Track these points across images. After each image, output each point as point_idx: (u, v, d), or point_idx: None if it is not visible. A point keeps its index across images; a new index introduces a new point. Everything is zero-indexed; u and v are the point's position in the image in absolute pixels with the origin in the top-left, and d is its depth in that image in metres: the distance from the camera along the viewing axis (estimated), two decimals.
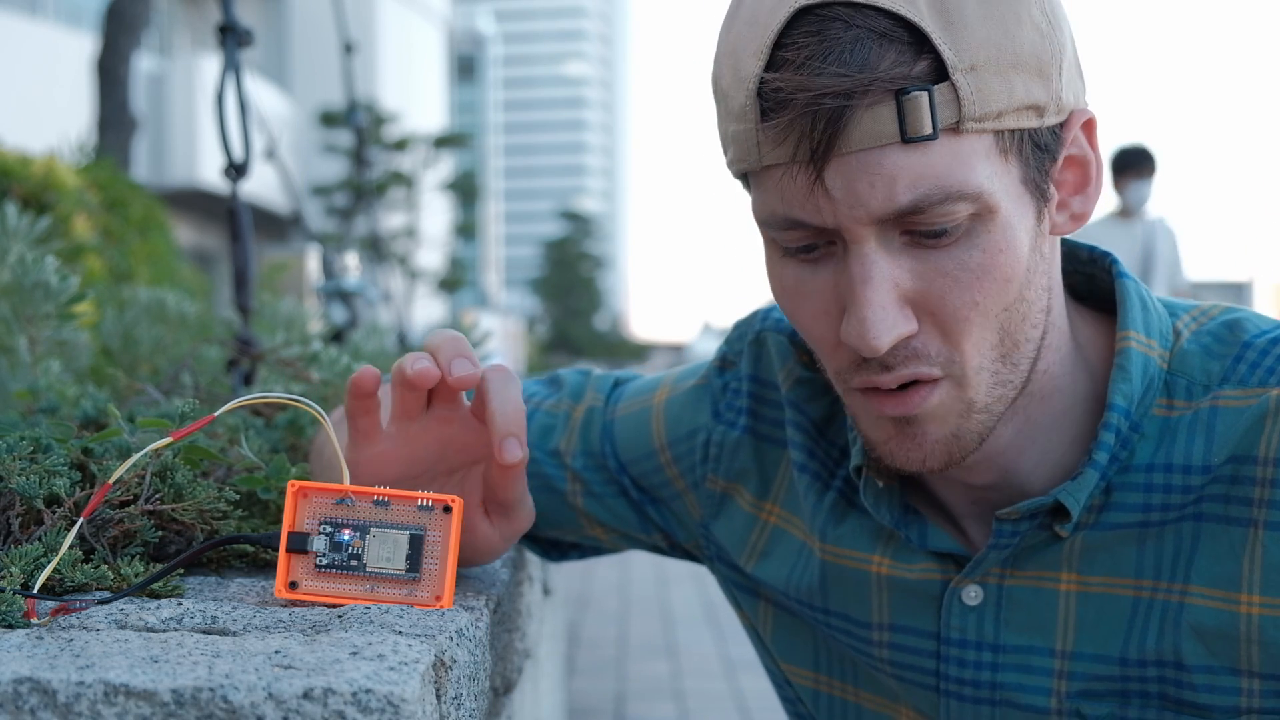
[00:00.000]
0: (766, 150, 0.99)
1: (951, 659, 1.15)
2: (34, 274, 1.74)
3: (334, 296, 5.16)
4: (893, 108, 0.95)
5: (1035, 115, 0.99)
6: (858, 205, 0.97)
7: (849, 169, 0.97)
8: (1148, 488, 1.08)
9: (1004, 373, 1.04)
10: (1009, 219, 1.00)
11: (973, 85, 0.95)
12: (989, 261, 0.99)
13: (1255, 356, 1.08)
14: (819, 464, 1.25)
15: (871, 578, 1.20)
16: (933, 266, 0.99)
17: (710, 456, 1.31)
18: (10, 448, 1.11)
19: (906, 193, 0.96)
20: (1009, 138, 0.99)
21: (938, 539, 1.15)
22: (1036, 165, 1.01)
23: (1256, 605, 1.03)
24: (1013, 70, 0.97)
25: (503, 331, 23.72)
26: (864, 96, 0.94)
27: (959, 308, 1.00)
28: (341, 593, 0.98)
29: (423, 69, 35.07)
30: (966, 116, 0.95)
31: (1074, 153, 1.05)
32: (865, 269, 0.99)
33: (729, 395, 1.32)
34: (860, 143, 0.95)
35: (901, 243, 0.99)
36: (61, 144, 6.11)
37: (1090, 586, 1.10)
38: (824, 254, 1.03)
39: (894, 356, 1.02)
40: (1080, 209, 1.07)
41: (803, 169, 0.97)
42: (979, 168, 0.97)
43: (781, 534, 1.28)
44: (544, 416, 1.39)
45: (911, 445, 1.06)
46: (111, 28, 7.72)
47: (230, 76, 2.15)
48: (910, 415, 1.04)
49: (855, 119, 0.95)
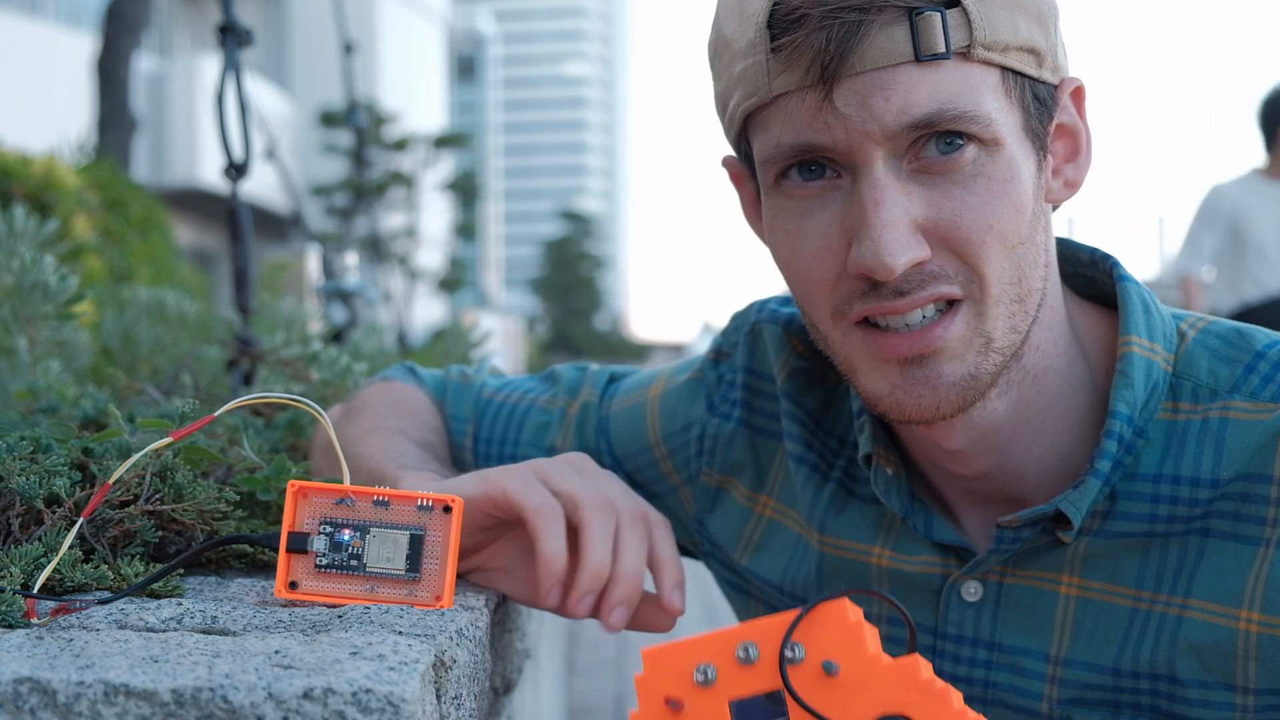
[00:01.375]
0: (777, 76, 1.00)
1: (947, 654, 1.15)
2: (33, 274, 1.74)
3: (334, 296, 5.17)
4: (906, 27, 0.97)
5: (1035, 61, 1.02)
6: (870, 119, 0.98)
7: (862, 87, 0.98)
8: (1154, 498, 1.07)
9: (1018, 316, 1.04)
10: (1014, 155, 1.01)
11: (982, 13, 0.98)
12: (997, 189, 1.01)
13: (1268, 369, 1.07)
14: (817, 455, 1.24)
15: (872, 569, 1.20)
16: (943, 193, 1.00)
17: (705, 450, 1.31)
18: (10, 448, 1.11)
19: (920, 106, 0.98)
20: (1013, 80, 1.01)
21: (943, 530, 1.14)
22: (1037, 117, 1.04)
23: (1256, 623, 1.02)
24: (1017, 10, 1.00)
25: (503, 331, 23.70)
26: (880, 13, 0.96)
27: (973, 230, 1.01)
28: (341, 593, 0.98)
29: (423, 69, 35.07)
30: (976, 41, 0.98)
31: (1064, 120, 1.07)
32: (876, 192, 1.00)
33: (723, 388, 1.32)
34: (874, 60, 0.97)
35: (909, 170, 1.01)
36: (61, 144, 6.11)
37: (1091, 592, 1.09)
38: (829, 186, 1.03)
39: (908, 281, 1.01)
40: (1073, 176, 1.09)
41: (813, 91, 0.99)
42: (987, 98, 0.99)
43: (777, 527, 1.28)
44: (539, 413, 1.39)
45: (924, 390, 1.04)
46: (111, 28, 7.71)
47: (230, 76, 2.15)
48: (926, 352, 1.03)
49: (870, 36, 0.97)
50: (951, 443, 1.10)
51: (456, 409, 1.41)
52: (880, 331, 1.04)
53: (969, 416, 1.07)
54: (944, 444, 1.10)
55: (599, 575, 1.03)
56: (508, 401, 1.41)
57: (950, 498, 1.17)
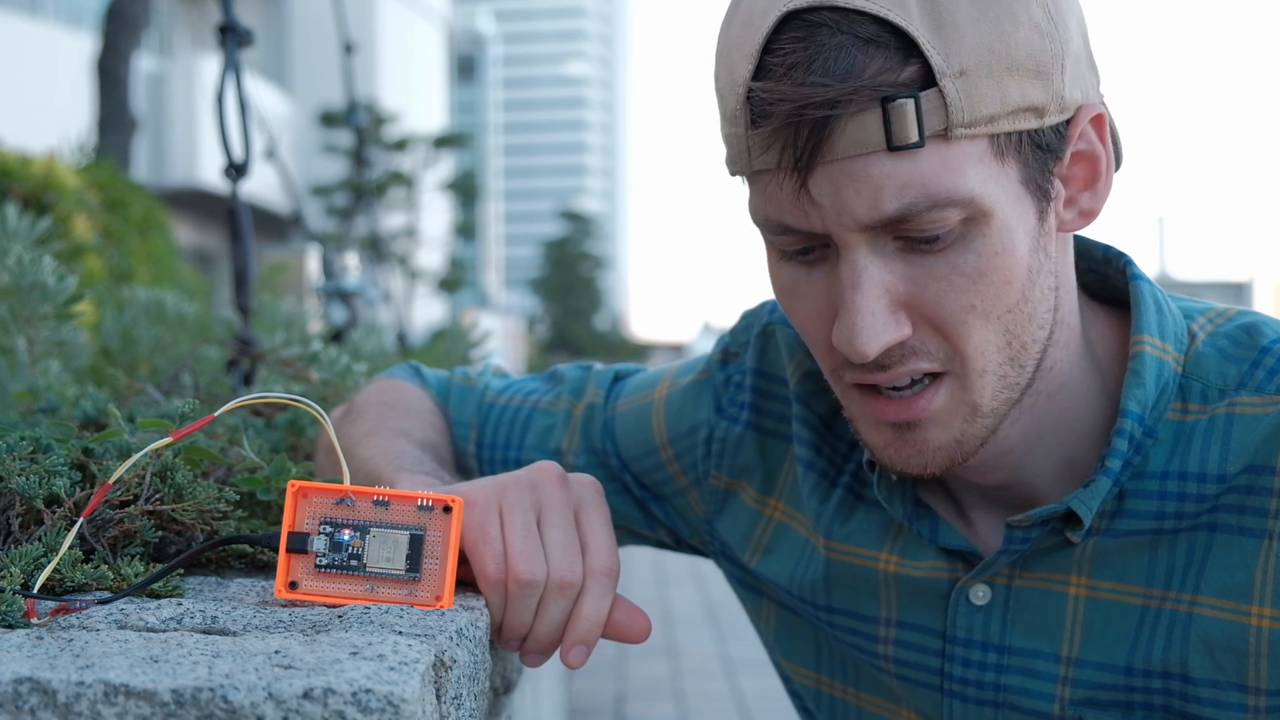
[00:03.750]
0: (756, 155, 0.99)
1: (957, 658, 1.15)
2: (31, 274, 1.74)
3: (334, 296, 5.17)
4: (878, 115, 0.93)
5: (1034, 117, 0.97)
6: (844, 212, 0.97)
7: (835, 176, 0.96)
8: (1162, 495, 1.06)
9: (1011, 375, 1.03)
10: (1005, 222, 0.98)
11: (962, 91, 0.94)
12: (985, 265, 0.98)
13: (1273, 363, 1.06)
14: (826, 460, 1.24)
15: (879, 575, 1.19)
16: (926, 271, 0.98)
17: (713, 453, 1.30)
18: (10, 448, 1.10)
19: (892, 201, 0.95)
20: (1006, 140, 0.97)
21: (948, 535, 1.14)
22: (1038, 165, 0.99)
23: (1268, 618, 1.02)
24: (1007, 74, 0.95)
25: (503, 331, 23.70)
26: (848, 105, 0.93)
27: (955, 311, 0.99)
28: (341, 593, 0.98)
29: (423, 69, 35.05)
30: (955, 123, 0.94)
31: (1082, 148, 1.03)
32: (855, 274, 0.98)
33: (731, 389, 1.31)
34: (845, 150, 0.94)
35: (895, 247, 0.99)
36: (61, 144, 6.10)
37: (1099, 592, 1.09)
38: (819, 256, 1.02)
39: (889, 357, 1.01)
40: (1089, 205, 1.05)
41: (788, 176, 0.97)
42: (970, 173, 0.96)
43: (785, 530, 1.27)
44: (543, 415, 1.38)
45: (912, 451, 1.05)
46: (111, 28, 7.70)
47: (230, 76, 2.15)
48: (912, 420, 1.03)
49: (840, 128, 0.94)
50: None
51: (460, 414, 1.41)
52: (874, 393, 1.04)
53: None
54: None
55: (518, 635, 1.05)
56: (510, 404, 1.40)
57: (963, 498, 1.16)
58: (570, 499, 1.07)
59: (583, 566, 1.04)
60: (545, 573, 1.02)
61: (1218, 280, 19.87)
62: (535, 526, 1.04)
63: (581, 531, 1.05)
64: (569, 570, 1.03)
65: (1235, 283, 19.78)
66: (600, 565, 1.04)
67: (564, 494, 1.07)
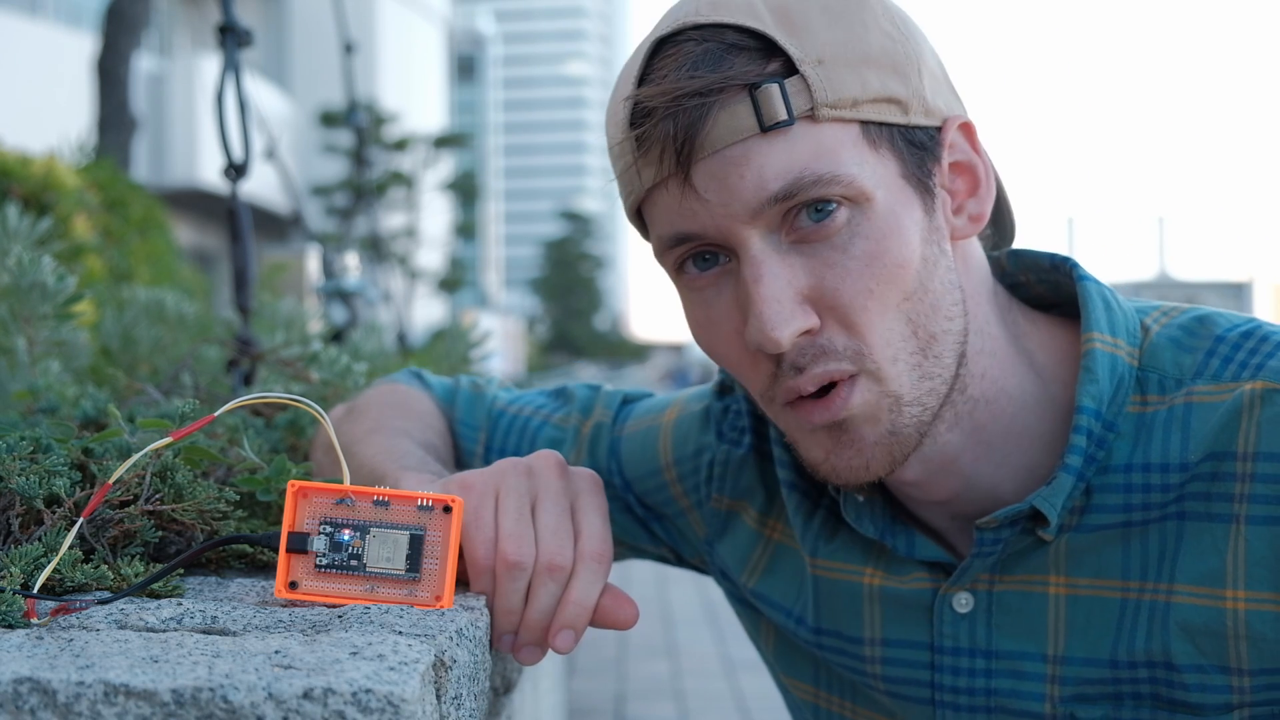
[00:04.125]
0: (644, 172, 1.04)
1: (945, 668, 1.16)
2: (31, 274, 1.74)
3: (334, 296, 5.16)
4: (748, 103, 0.99)
5: (898, 110, 1.03)
6: (732, 200, 1.00)
7: (716, 168, 1.00)
8: (1127, 488, 1.08)
9: (926, 365, 1.05)
10: (890, 208, 1.02)
11: (822, 75, 1.00)
12: (874, 249, 1.01)
13: (1227, 351, 1.08)
14: (807, 481, 1.25)
15: (864, 590, 1.20)
16: (821, 260, 1.02)
17: (715, 476, 1.32)
18: (10, 448, 1.11)
19: (776, 180, 0.99)
20: (876, 131, 1.02)
21: (925, 548, 1.15)
22: (914, 161, 1.04)
23: (1242, 600, 1.03)
24: (863, 65, 1.01)
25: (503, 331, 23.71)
26: (720, 94, 0.99)
27: (854, 296, 1.02)
28: (341, 593, 0.98)
29: (423, 69, 35.07)
30: (820, 103, 0.99)
31: (958, 158, 1.08)
32: (756, 269, 1.02)
33: (730, 416, 1.33)
34: (722, 139, 0.99)
35: (788, 242, 1.02)
36: (61, 144, 6.10)
37: (1079, 589, 1.10)
38: (721, 272, 1.05)
39: (803, 356, 1.03)
40: (976, 210, 1.10)
41: (674, 179, 1.02)
42: (845, 156, 1.00)
43: (784, 550, 1.29)
44: (553, 429, 1.40)
45: (851, 453, 1.06)
46: (111, 28, 7.70)
47: (230, 76, 2.15)
48: (839, 419, 1.05)
49: (713, 117, 0.99)
50: (908, 475, 1.11)
51: (468, 416, 1.41)
52: (802, 400, 1.06)
53: (920, 452, 1.09)
54: (902, 477, 1.12)
55: (508, 624, 1.05)
56: (520, 414, 1.41)
57: (931, 521, 1.17)
58: (568, 487, 1.08)
59: (574, 552, 1.04)
60: (533, 556, 1.03)
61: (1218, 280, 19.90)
62: (529, 511, 1.05)
63: (576, 519, 1.06)
64: (558, 553, 1.04)
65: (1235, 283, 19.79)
66: (591, 550, 1.05)
67: (561, 481, 1.08)
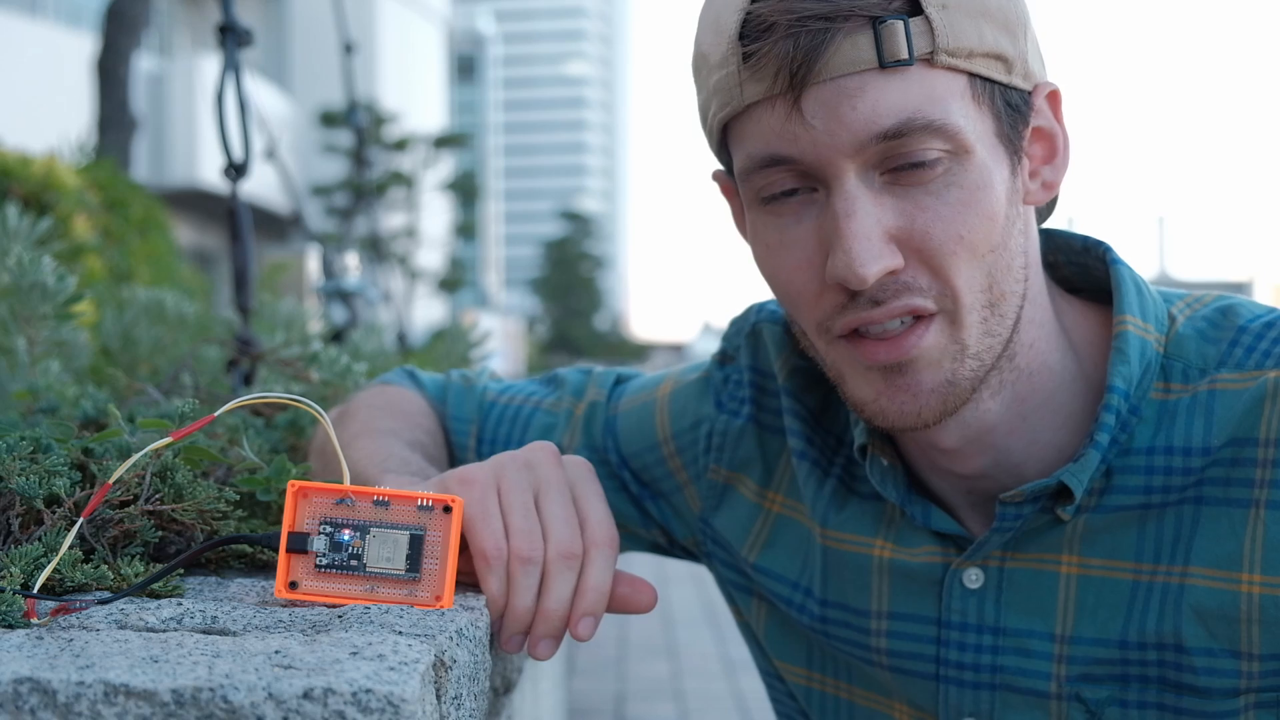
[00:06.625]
0: (748, 87, 1.02)
1: (952, 643, 1.16)
2: (31, 274, 1.74)
3: (334, 296, 5.17)
4: (870, 35, 0.99)
5: (1003, 67, 1.03)
6: (839, 130, 1.00)
7: (828, 97, 1.00)
8: (1148, 470, 1.09)
9: (992, 321, 1.06)
10: (985, 162, 1.03)
11: (945, 20, 1.00)
12: (969, 198, 1.02)
13: (1251, 340, 1.09)
14: (818, 451, 1.26)
15: (873, 562, 1.20)
16: (915, 203, 1.02)
17: (713, 446, 1.33)
18: (10, 448, 1.10)
19: (888, 118, 0.99)
20: (981, 86, 1.03)
21: (940, 519, 1.16)
22: (1009, 123, 1.05)
23: (1258, 584, 1.04)
24: (982, 16, 1.02)
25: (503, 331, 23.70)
26: (844, 22, 0.99)
27: (945, 241, 1.02)
28: (341, 593, 0.98)
29: (423, 69, 35.06)
30: (940, 48, 1.00)
31: (1041, 124, 1.09)
32: (848, 204, 1.01)
33: (731, 386, 1.33)
34: (839, 68, 0.99)
35: (882, 182, 1.02)
36: (62, 144, 6.10)
37: (1091, 569, 1.11)
38: (805, 201, 1.05)
39: (884, 291, 1.03)
40: (1050, 178, 1.11)
41: (782, 98, 1.01)
42: (954, 106, 1.01)
43: (786, 521, 1.29)
44: (544, 415, 1.40)
45: (905, 396, 1.06)
46: (111, 28, 7.71)
47: (230, 76, 2.15)
48: (904, 360, 1.05)
49: (834, 44, 0.99)
50: (946, 442, 1.11)
51: (459, 410, 1.42)
52: (863, 339, 1.06)
53: (961, 417, 1.09)
54: (939, 443, 1.12)
55: (522, 620, 1.04)
56: (512, 403, 1.42)
57: (949, 499, 1.17)
58: (566, 477, 1.09)
59: (583, 540, 1.05)
60: (544, 549, 1.04)
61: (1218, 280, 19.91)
62: (534, 505, 1.06)
63: (579, 507, 1.07)
64: (571, 542, 1.05)
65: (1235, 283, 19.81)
66: (600, 537, 1.06)
67: (561, 472, 1.09)
